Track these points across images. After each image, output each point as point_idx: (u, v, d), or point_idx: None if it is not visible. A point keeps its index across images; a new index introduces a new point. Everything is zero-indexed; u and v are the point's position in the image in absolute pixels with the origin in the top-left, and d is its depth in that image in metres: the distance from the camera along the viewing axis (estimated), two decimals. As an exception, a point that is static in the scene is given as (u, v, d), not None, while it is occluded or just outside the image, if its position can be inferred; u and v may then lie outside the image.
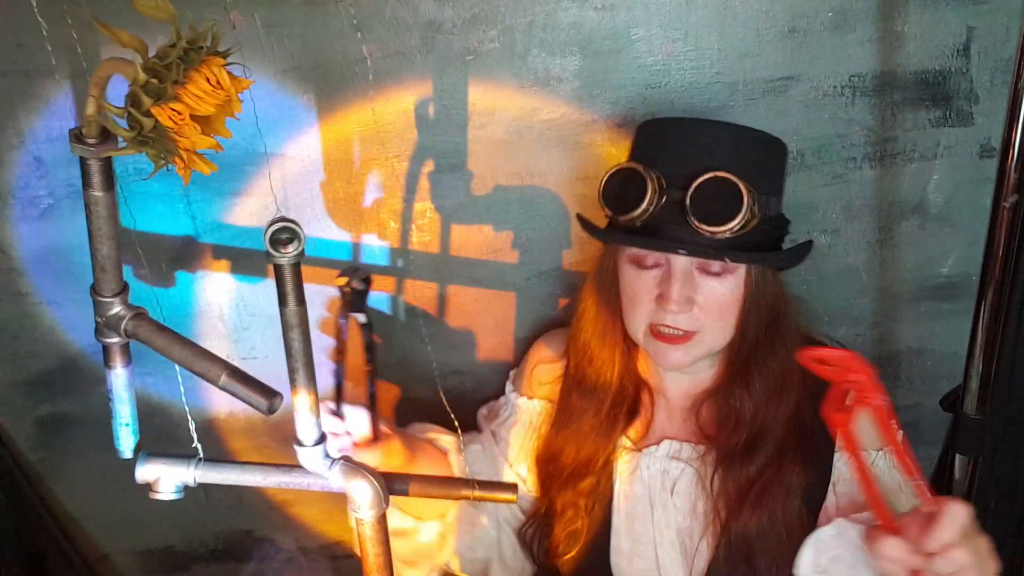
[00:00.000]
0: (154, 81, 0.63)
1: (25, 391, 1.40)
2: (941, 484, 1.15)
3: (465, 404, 1.38)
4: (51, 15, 1.11)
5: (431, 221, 1.29)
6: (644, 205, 0.98)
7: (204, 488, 1.52)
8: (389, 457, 1.03)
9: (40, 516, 1.48)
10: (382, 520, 0.81)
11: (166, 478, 0.82)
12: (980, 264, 1.04)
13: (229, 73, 0.66)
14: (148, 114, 0.63)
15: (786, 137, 1.24)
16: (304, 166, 1.24)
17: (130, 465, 0.84)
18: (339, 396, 1.03)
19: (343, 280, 1.00)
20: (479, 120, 1.22)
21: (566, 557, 1.17)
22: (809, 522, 1.06)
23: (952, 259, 1.34)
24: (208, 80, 0.64)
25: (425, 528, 1.13)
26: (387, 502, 0.81)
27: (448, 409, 1.02)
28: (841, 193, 1.28)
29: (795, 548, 1.03)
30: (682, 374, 1.12)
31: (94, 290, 0.76)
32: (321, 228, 1.28)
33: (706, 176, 0.96)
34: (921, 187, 1.29)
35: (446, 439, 1.20)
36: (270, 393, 0.70)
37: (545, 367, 1.23)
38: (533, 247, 1.31)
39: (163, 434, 1.00)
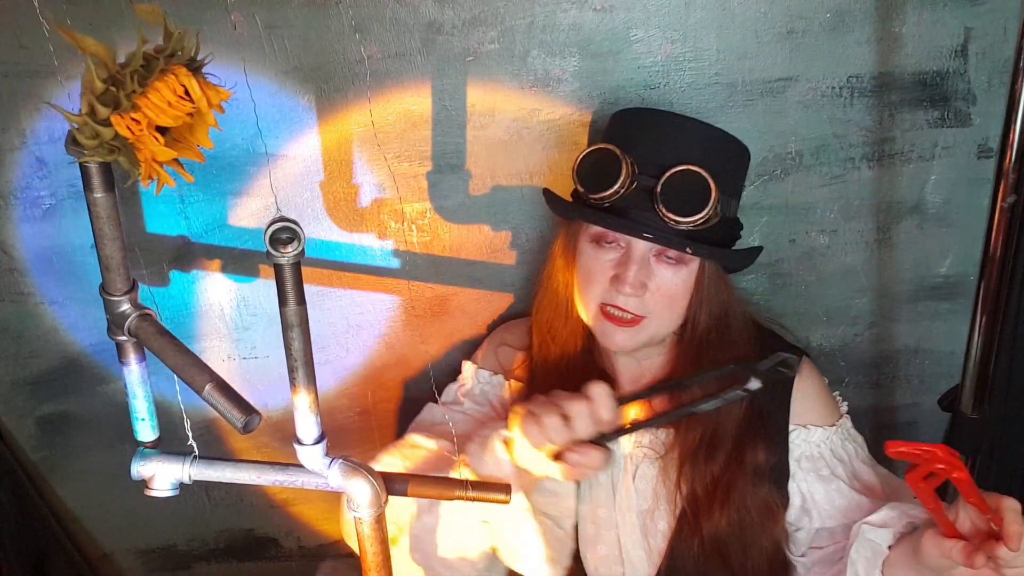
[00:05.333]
0: (113, 89, 0.61)
1: (27, 391, 1.41)
2: (939, 483, 1.15)
3: (465, 403, 1.39)
4: (53, 16, 1.12)
5: (431, 221, 1.29)
6: (616, 187, 1.01)
7: (205, 488, 1.53)
8: None
9: (42, 515, 1.49)
10: (380, 519, 0.81)
11: (161, 475, 0.82)
12: (978, 264, 1.05)
13: (204, 83, 0.64)
14: (107, 123, 0.61)
15: (784, 138, 1.25)
16: (304, 166, 1.25)
17: (130, 463, 0.84)
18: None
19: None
20: (479, 121, 1.23)
21: None
22: (778, 497, 1.08)
23: (950, 259, 1.34)
24: (174, 90, 0.62)
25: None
26: (386, 501, 0.81)
27: (444, 412, 1.03)
28: (839, 193, 1.29)
29: (767, 528, 1.07)
30: (631, 359, 1.14)
31: (103, 289, 0.77)
32: (321, 228, 1.29)
33: (678, 168, 1.00)
34: (919, 187, 1.29)
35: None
36: (248, 410, 0.70)
37: (508, 350, 1.24)
38: (532, 247, 1.31)
39: (166, 432, 1.00)
